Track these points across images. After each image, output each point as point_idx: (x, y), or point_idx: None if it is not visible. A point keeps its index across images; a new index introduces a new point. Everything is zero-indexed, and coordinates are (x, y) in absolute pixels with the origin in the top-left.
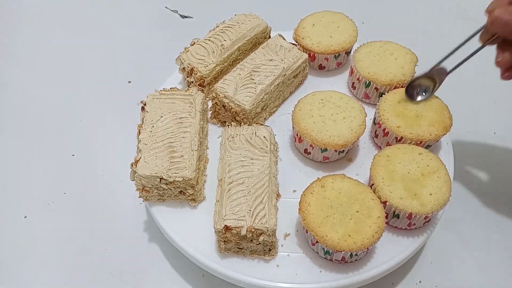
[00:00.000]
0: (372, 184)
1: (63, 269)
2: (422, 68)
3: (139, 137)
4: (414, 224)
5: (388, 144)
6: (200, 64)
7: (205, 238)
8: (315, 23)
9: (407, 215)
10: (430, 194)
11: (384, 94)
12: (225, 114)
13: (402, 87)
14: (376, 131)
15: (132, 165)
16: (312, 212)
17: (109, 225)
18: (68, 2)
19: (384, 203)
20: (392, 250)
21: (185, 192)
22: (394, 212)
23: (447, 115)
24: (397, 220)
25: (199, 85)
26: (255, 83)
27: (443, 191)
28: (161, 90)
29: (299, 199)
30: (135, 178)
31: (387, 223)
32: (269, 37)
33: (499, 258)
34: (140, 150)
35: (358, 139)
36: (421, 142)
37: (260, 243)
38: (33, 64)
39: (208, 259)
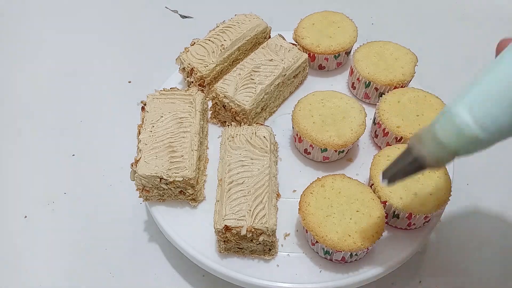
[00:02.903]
0: (372, 184)
1: (63, 269)
2: (422, 68)
3: (139, 137)
4: (414, 224)
5: (388, 144)
6: (200, 64)
7: (205, 238)
8: (315, 23)
9: (407, 215)
10: (430, 194)
11: (384, 94)
12: (225, 114)
13: (402, 87)
14: (376, 131)
15: (132, 165)
16: (312, 212)
17: (109, 225)
18: (68, 2)
19: (384, 203)
20: (392, 250)
21: (185, 192)
22: (394, 212)
23: None
24: (397, 220)
25: (199, 85)
26: (255, 83)
27: (443, 191)
28: (161, 90)
29: (299, 199)
30: (135, 178)
31: (387, 223)
32: (269, 37)
33: (500, 258)
34: (140, 150)
35: (358, 139)
36: None
37: (260, 243)
38: (33, 64)
39: (208, 259)
